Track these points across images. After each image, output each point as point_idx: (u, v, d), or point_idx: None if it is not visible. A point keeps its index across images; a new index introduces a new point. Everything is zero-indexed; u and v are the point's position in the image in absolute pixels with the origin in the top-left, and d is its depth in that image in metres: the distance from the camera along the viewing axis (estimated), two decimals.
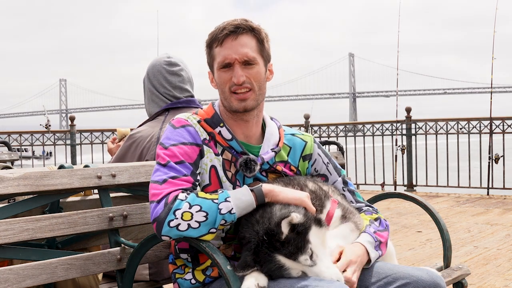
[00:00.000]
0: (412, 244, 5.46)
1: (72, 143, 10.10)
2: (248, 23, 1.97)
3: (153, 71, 2.81)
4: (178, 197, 1.79)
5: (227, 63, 1.94)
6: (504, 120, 9.03)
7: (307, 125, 10.45)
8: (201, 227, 1.77)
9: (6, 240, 1.83)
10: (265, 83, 2.02)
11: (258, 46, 1.98)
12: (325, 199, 1.96)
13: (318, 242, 1.77)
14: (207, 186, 1.95)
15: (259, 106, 2.02)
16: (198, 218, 1.77)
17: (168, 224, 1.77)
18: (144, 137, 2.70)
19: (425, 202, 2.59)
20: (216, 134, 1.98)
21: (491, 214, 7.07)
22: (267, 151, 2.02)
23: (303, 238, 1.72)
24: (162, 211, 1.78)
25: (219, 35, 1.95)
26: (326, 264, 1.76)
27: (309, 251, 1.73)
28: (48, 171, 1.98)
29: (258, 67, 1.97)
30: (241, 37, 1.95)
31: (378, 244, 1.97)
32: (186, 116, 2.01)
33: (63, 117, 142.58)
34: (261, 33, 1.99)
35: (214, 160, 1.96)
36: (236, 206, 1.80)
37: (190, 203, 1.78)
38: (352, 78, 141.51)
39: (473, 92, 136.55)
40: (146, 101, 2.88)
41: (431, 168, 9.35)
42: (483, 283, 4.12)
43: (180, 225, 1.76)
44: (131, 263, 2.00)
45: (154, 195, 1.83)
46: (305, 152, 2.12)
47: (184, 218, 1.76)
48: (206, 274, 1.98)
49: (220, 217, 1.78)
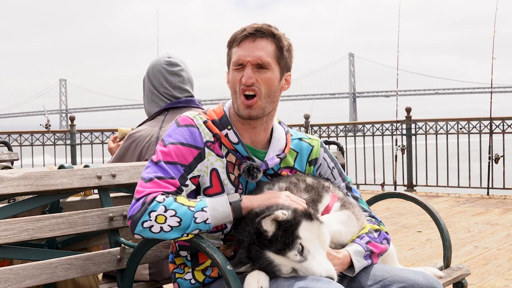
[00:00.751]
0: (412, 244, 5.46)
1: (72, 143, 10.10)
2: (270, 28, 1.96)
3: (153, 71, 2.81)
4: (156, 199, 1.80)
5: (240, 64, 1.93)
6: (504, 120, 9.03)
7: (307, 125, 10.44)
8: (173, 231, 1.79)
9: (6, 240, 1.83)
10: (277, 92, 1.99)
11: (276, 53, 1.95)
12: (323, 192, 1.96)
13: (310, 237, 1.76)
14: (208, 188, 1.95)
15: (269, 114, 2.00)
16: (171, 223, 1.78)
17: (141, 224, 1.79)
18: (144, 136, 2.71)
19: (425, 202, 2.59)
20: (222, 136, 1.96)
21: (491, 214, 7.08)
22: (273, 157, 2.00)
23: (291, 234, 1.73)
24: (138, 210, 1.80)
25: (238, 36, 1.95)
26: (318, 260, 1.75)
27: (299, 246, 1.74)
28: (48, 171, 1.98)
29: (271, 73, 1.95)
30: (259, 41, 1.93)
31: (369, 255, 1.92)
32: (193, 115, 1.99)
33: (63, 117, 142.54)
34: (281, 41, 1.97)
35: (216, 163, 1.95)
36: (212, 216, 1.81)
37: (166, 206, 1.79)
38: (352, 78, 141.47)
39: (473, 92, 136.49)
40: (145, 100, 2.88)
41: (431, 168, 9.36)
42: (483, 283, 4.12)
43: (153, 227, 1.78)
44: (131, 263, 2.00)
45: (137, 192, 1.85)
46: (311, 156, 2.10)
47: (158, 221, 1.78)
48: (206, 274, 1.98)
49: (195, 226, 1.80)
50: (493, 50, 9.09)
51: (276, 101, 2.00)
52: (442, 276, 2.29)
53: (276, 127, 2.08)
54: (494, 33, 9.09)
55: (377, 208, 7.28)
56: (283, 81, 2.01)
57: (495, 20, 8.93)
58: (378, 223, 2.09)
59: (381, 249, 1.98)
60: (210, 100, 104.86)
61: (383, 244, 2.00)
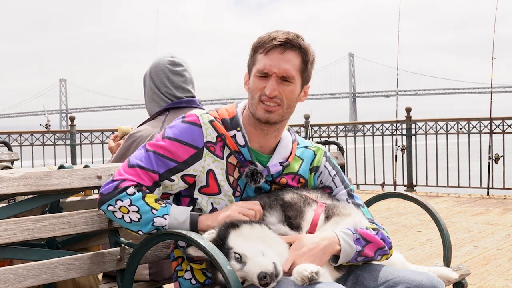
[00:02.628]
0: (412, 244, 5.45)
1: (72, 143, 10.10)
2: (298, 40, 1.94)
3: (156, 70, 2.81)
4: (127, 190, 1.88)
5: (265, 73, 1.92)
6: (504, 120, 9.02)
7: (307, 125, 10.44)
8: (132, 224, 1.89)
9: (6, 240, 1.83)
10: (296, 103, 2.00)
11: (301, 66, 1.95)
12: (305, 207, 1.94)
13: (241, 241, 1.79)
14: (205, 187, 1.96)
15: (282, 122, 2.00)
16: (132, 217, 1.87)
17: (107, 206, 1.89)
18: (144, 136, 2.70)
19: (425, 202, 2.59)
20: (228, 137, 1.96)
21: (491, 214, 7.07)
22: (276, 163, 2.00)
23: (222, 250, 1.76)
24: (109, 192, 1.89)
25: (267, 43, 1.92)
26: (254, 259, 1.75)
27: (234, 255, 1.77)
28: (48, 171, 1.98)
29: (294, 86, 1.95)
30: (288, 52, 1.92)
31: (359, 239, 1.87)
32: (200, 113, 2.00)
33: (63, 117, 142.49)
34: (308, 54, 1.96)
35: (212, 164, 1.95)
36: (170, 224, 1.87)
37: (132, 201, 1.86)
38: (352, 78, 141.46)
39: (473, 92, 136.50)
40: (146, 100, 2.88)
41: (431, 168, 9.35)
42: (483, 283, 4.12)
43: (116, 213, 1.89)
44: (131, 263, 2.00)
45: (117, 172, 1.93)
46: (313, 164, 2.09)
47: (121, 210, 1.88)
48: (206, 275, 1.98)
49: (152, 228, 1.88)
50: (493, 50, 9.09)
51: (292, 111, 2.00)
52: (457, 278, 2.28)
53: (284, 135, 2.07)
54: (494, 33, 9.09)
55: (377, 208, 7.28)
56: (302, 93, 2.01)
57: (495, 20, 8.93)
58: (379, 227, 2.04)
59: (378, 242, 1.92)
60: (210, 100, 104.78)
61: (382, 241, 1.94)
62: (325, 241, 1.83)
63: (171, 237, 1.90)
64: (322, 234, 1.86)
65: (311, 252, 1.80)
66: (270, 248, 1.79)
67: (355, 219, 1.96)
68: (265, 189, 2.02)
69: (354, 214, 1.98)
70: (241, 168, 1.97)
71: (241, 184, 1.98)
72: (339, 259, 1.84)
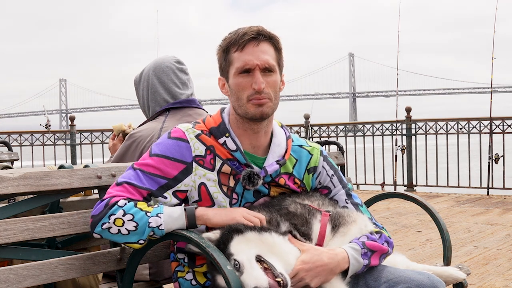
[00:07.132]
0: (412, 244, 5.46)
1: (72, 143, 10.10)
2: (266, 30, 1.94)
3: (162, 67, 2.82)
4: (118, 203, 1.84)
5: (248, 69, 1.90)
6: (504, 120, 9.03)
7: (307, 125, 10.45)
8: (130, 235, 1.83)
9: (6, 240, 1.83)
10: (279, 93, 1.99)
11: (276, 55, 1.95)
12: (311, 218, 1.92)
13: (243, 248, 1.77)
14: (198, 201, 1.95)
15: (270, 117, 1.98)
16: (129, 227, 1.83)
17: (101, 226, 1.85)
18: (144, 136, 2.70)
19: (425, 202, 2.58)
20: (217, 146, 1.94)
21: (491, 214, 7.07)
22: (272, 163, 1.98)
23: (224, 254, 1.75)
24: (100, 212, 1.85)
25: (240, 40, 1.91)
26: (250, 271, 1.74)
27: (233, 262, 1.76)
28: (48, 171, 1.98)
29: (275, 75, 1.94)
30: (262, 44, 1.92)
31: (367, 253, 1.88)
32: (186, 128, 1.98)
33: (63, 117, 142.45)
34: (278, 43, 1.97)
35: (204, 177, 1.93)
36: (165, 222, 1.83)
37: (125, 211, 1.83)
38: (352, 78, 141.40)
39: (473, 92, 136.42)
40: (145, 99, 2.87)
41: (431, 168, 9.36)
42: (483, 283, 4.12)
43: (111, 229, 1.84)
44: (131, 263, 2.00)
45: (106, 192, 1.91)
46: (310, 165, 2.07)
47: (116, 224, 1.83)
48: (207, 277, 1.98)
49: (149, 230, 1.83)
50: (493, 50, 9.09)
51: (278, 103, 1.99)
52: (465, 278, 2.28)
53: (276, 132, 2.05)
54: (494, 33, 9.09)
55: (377, 208, 7.28)
56: (280, 83, 2.00)
57: (495, 20, 8.93)
58: (380, 228, 2.05)
59: (382, 249, 1.93)
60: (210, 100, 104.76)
61: (385, 246, 1.96)
62: (334, 261, 1.83)
63: (171, 237, 1.90)
64: (332, 253, 1.85)
65: (317, 269, 1.81)
66: (275, 256, 1.78)
67: (360, 225, 1.96)
68: (263, 192, 2.00)
69: (359, 220, 1.98)
70: (237, 176, 1.95)
71: (239, 191, 1.96)
72: (347, 274, 1.86)
